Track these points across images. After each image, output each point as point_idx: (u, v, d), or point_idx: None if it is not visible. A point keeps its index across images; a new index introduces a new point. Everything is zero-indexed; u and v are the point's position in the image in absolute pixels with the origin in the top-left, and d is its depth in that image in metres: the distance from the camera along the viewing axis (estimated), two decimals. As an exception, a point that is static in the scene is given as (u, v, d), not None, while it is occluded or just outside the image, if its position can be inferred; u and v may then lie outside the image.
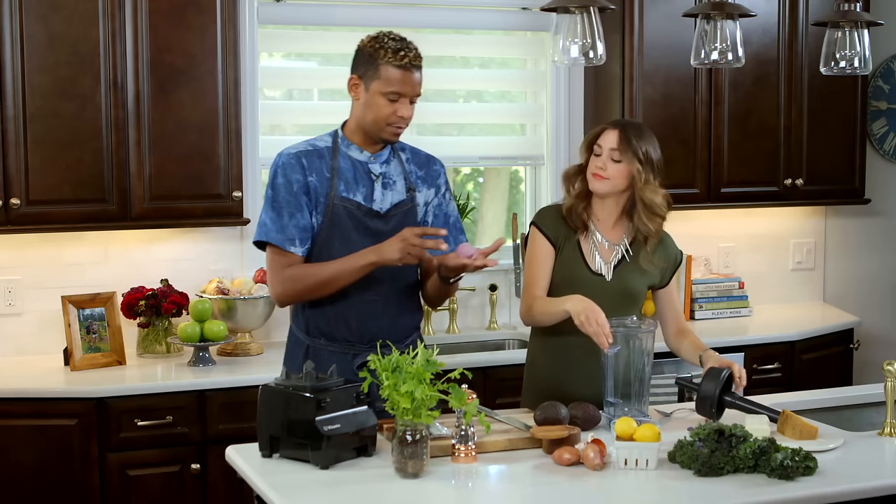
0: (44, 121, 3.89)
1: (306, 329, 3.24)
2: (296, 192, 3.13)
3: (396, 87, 3.09)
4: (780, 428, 3.00)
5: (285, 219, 3.13)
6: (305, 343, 3.23)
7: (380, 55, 3.10)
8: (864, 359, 5.22)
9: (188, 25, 4.05)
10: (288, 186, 3.13)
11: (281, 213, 3.13)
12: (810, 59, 4.90)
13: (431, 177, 3.32)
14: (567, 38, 3.13)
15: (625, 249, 3.36)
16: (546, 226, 3.36)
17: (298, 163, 3.15)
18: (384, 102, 3.11)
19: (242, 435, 3.34)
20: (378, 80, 3.10)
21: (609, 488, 2.65)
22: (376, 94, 3.11)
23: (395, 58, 3.09)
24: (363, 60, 3.14)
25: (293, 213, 3.13)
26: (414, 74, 3.12)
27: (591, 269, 3.33)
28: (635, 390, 3.09)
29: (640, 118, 4.68)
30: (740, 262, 5.30)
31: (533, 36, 5.00)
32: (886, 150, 5.44)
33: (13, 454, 3.70)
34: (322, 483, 2.64)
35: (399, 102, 3.11)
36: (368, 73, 3.12)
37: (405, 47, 3.12)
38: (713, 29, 3.34)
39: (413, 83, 3.12)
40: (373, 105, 3.12)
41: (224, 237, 4.41)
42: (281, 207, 3.13)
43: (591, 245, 3.35)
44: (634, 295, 3.35)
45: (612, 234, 3.36)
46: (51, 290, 4.18)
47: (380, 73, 3.09)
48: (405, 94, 3.11)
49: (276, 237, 3.13)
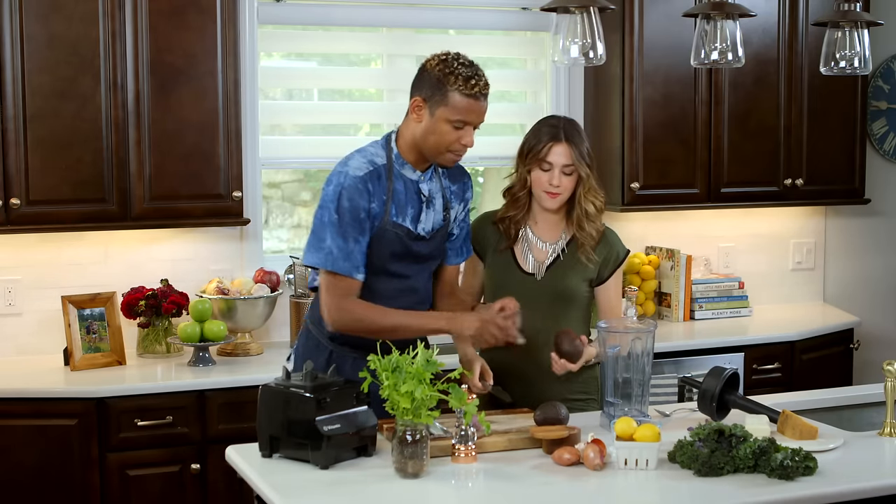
0: (44, 121, 3.89)
1: (331, 335, 3.18)
2: (362, 218, 3.04)
3: (464, 116, 3.02)
4: (780, 428, 3.00)
5: (351, 244, 3.03)
6: (328, 348, 3.19)
7: (449, 81, 3.00)
8: (864, 359, 5.22)
9: (188, 25, 4.05)
10: (354, 212, 3.03)
11: (347, 238, 3.03)
12: (810, 59, 4.90)
13: (462, 190, 3.29)
14: (567, 38, 3.13)
15: (561, 249, 3.35)
16: (477, 235, 3.38)
17: (365, 188, 3.04)
18: (449, 129, 3.03)
19: (242, 435, 3.34)
20: (445, 106, 3.01)
21: (609, 488, 2.65)
22: (441, 121, 3.02)
23: (466, 86, 3.00)
24: (430, 83, 3.03)
25: (358, 238, 3.04)
26: (482, 103, 3.05)
27: (522, 270, 3.33)
28: (635, 390, 3.09)
29: (640, 118, 4.69)
30: (740, 262, 5.30)
31: (533, 36, 5.00)
32: (886, 150, 5.44)
33: (13, 454, 3.70)
34: (322, 483, 2.64)
35: (464, 130, 3.04)
36: (435, 98, 3.02)
37: (475, 75, 3.03)
38: (713, 29, 3.34)
39: (480, 112, 3.05)
40: (437, 131, 3.04)
41: (224, 237, 4.41)
42: (346, 233, 3.02)
43: (524, 247, 3.35)
44: (568, 295, 3.33)
45: (548, 234, 3.36)
46: (51, 290, 4.18)
47: (448, 99, 3.00)
48: (471, 122, 3.05)
49: (344, 266, 3.03)
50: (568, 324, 3.30)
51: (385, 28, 4.74)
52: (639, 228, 5.02)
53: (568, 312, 3.32)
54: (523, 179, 3.33)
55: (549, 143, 3.27)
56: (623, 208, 4.71)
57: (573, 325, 3.31)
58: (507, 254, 3.35)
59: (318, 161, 4.67)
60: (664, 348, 4.43)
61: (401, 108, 4.76)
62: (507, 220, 3.37)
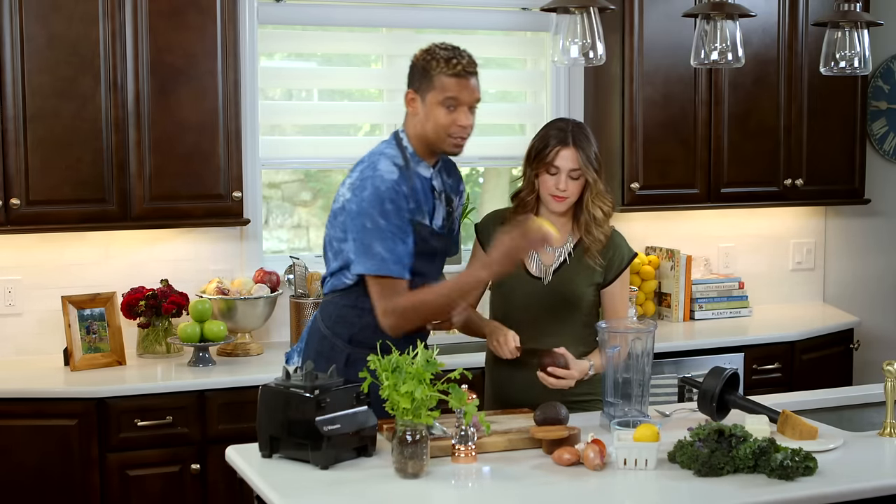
0: (44, 121, 3.89)
1: (349, 339, 3.18)
2: (405, 219, 3.06)
3: (452, 94, 3.05)
4: (780, 428, 3.00)
5: (400, 246, 3.05)
6: (346, 351, 3.18)
7: (432, 66, 3.06)
8: (864, 359, 5.22)
9: (188, 26, 4.05)
10: (398, 213, 3.05)
11: (395, 241, 3.04)
12: (810, 59, 4.90)
13: (458, 183, 3.32)
14: (567, 38, 3.14)
15: (568, 252, 3.34)
16: (484, 235, 3.38)
17: (401, 189, 3.07)
18: (443, 112, 3.06)
19: (242, 435, 3.34)
20: (434, 90, 3.06)
21: (609, 488, 2.65)
22: (434, 105, 3.07)
23: (449, 66, 3.05)
24: (417, 74, 3.11)
25: (405, 239, 3.06)
26: (469, 80, 3.08)
27: (528, 272, 3.32)
28: (635, 390, 3.09)
29: (640, 118, 4.69)
30: (740, 262, 5.30)
31: (533, 36, 5.00)
32: (886, 150, 5.44)
33: (13, 454, 3.70)
34: (322, 483, 2.64)
35: (458, 111, 3.07)
36: (424, 86, 3.08)
37: (457, 55, 3.08)
38: (713, 29, 3.34)
39: (470, 89, 3.08)
40: (432, 117, 3.08)
41: (224, 237, 4.41)
42: (394, 236, 3.04)
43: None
44: (574, 298, 3.31)
45: (556, 238, 3.35)
46: (51, 290, 4.18)
47: (434, 83, 3.06)
48: (462, 100, 3.07)
49: (395, 269, 3.04)
50: (573, 327, 3.30)
51: (385, 28, 4.74)
52: (639, 228, 5.01)
53: (573, 316, 3.31)
54: (531, 183, 3.32)
55: (556, 147, 3.25)
56: (623, 208, 4.71)
57: (578, 328, 3.31)
58: None
59: (318, 161, 4.68)
60: (664, 348, 4.43)
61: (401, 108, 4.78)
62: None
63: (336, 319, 3.19)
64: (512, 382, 3.31)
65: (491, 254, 3.07)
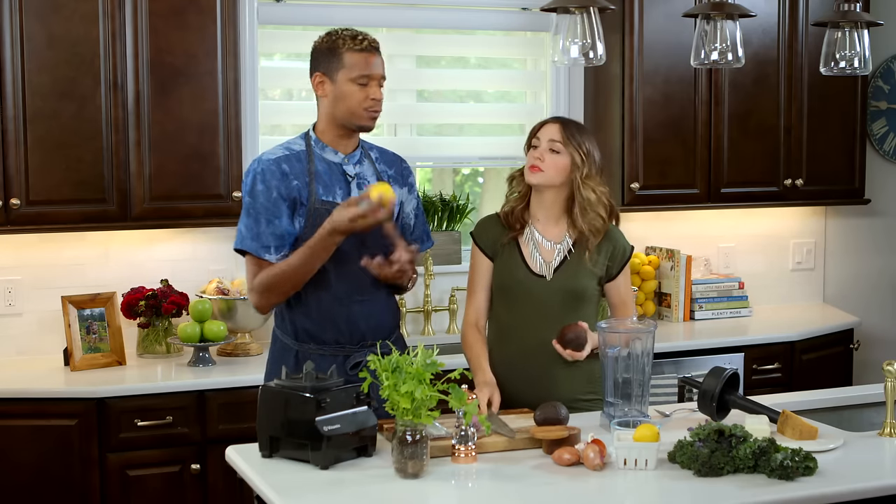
0: (44, 121, 3.89)
1: (294, 334, 3.21)
2: (275, 198, 3.11)
3: (363, 70, 3.12)
4: (780, 428, 3.00)
5: (262, 226, 3.11)
6: (294, 348, 3.21)
7: (338, 45, 3.14)
8: (864, 359, 5.22)
9: (188, 26, 4.05)
10: (267, 193, 3.11)
11: (258, 219, 3.11)
12: (810, 59, 4.90)
13: (403, 175, 3.33)
14: (567, 38, 3.13)
15: (567, 249, 3.35)
16: (482, 238, 3.39)
17: (279, 168, 3.13)
18: (355, 89, 3.13)
19: (242, 435, 3.34)
20: (343, 68, 3.12)
21: (609, 488, 2.65)
22: (345, 83, 3.13)
23: (355, 42, 3.14)
24: (323, 56, 3.17)
25: (271, 219, 3.11)
26: (376, 56, 3.17)
27: (531, 271, 3.33)
28: (635, 390, 3.09)
29: (640, 118, 4.69)
30: (740, 262, 5.30)
31: (533, 36, 5.00)
32: (886, 150, 5.44)
33: (13, 454, 3.71)
34: (322, 483, 2.64)
35: (370, 86, 3.14)
36: (332, 66, 3.14)
37: (360, 33, 3.18)
38: (713, 29, 3.34)
39: (378, 64, 3.16)
40: (344, 95, 3.13)
41: (224, 237, 4.41)
42: (258, 214, 3.11)
43: (531, 246, 3.35)
44: (579, 294, 3.33)
45: (553, 233, 3.35)
46: (51, 290, 4.18)
47: (343, 60, 3.12)
48: (373, 76, 3.14)
49: (251, 245, 3.12)
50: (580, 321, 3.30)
51: (385, 28, 4.74)
52: (639, 229, 5.02)
53: (578, 312, 3.31)
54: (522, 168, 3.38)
55: (542, 124, 3.35)
56: (623, 208, 4.70)
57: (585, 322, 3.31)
58: (515, 253, 3.34)
59: (318, 161, 4.67)
60: (664, 348, 4.43)
61: (400, 108, 4.81)
62: (510, 213, 3.38)
63: (280, 319, 3.27)
64: (512, 382, 3.31)
65: (334, 213, 3.06)
